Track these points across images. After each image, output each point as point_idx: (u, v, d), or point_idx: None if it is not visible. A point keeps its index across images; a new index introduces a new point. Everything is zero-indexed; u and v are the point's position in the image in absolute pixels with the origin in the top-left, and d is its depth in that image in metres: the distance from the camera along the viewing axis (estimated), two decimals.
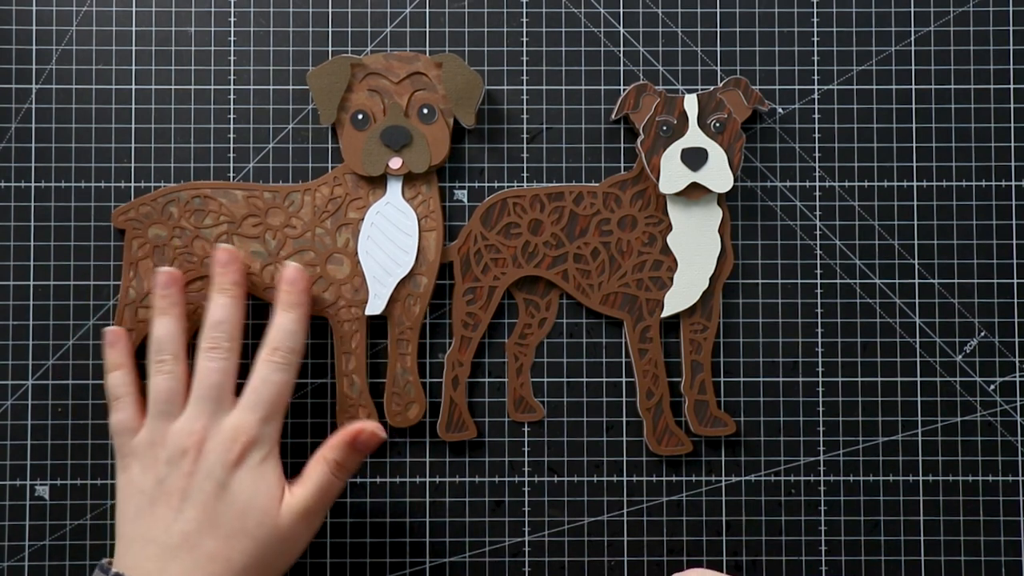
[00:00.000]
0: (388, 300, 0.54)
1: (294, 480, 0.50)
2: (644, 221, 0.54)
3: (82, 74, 0.55)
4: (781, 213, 0.55)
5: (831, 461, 0.55)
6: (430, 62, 0.54)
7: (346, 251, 0.54)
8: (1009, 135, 0.55)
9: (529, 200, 0.54)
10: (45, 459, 0.55)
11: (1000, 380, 0.55)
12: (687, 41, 0.56)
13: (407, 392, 0.54)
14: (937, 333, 0.55)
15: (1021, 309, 0.55)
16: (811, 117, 0.56)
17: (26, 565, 0.54)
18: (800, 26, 0.56)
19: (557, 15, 0.56)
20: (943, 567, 0.55)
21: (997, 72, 0.55)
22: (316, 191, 0.54)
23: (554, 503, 0.55)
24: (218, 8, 0.56)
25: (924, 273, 0.55)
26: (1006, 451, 0.55)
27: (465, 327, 0.54)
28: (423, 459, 0.55)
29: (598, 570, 0.55)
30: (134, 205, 0.54)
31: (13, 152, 0.55)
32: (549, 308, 0.55)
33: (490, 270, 0.54)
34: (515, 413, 0.55)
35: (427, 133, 0.53)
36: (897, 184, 0.55)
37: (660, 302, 0.54)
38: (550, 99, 0.56)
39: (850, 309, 0.55)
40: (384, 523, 0.55)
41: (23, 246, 0.55)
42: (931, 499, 0.55)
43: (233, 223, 0.54)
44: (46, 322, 0.55)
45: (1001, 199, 0.55)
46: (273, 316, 0.51)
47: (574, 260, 0.54)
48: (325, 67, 0.53)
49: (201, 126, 0.55)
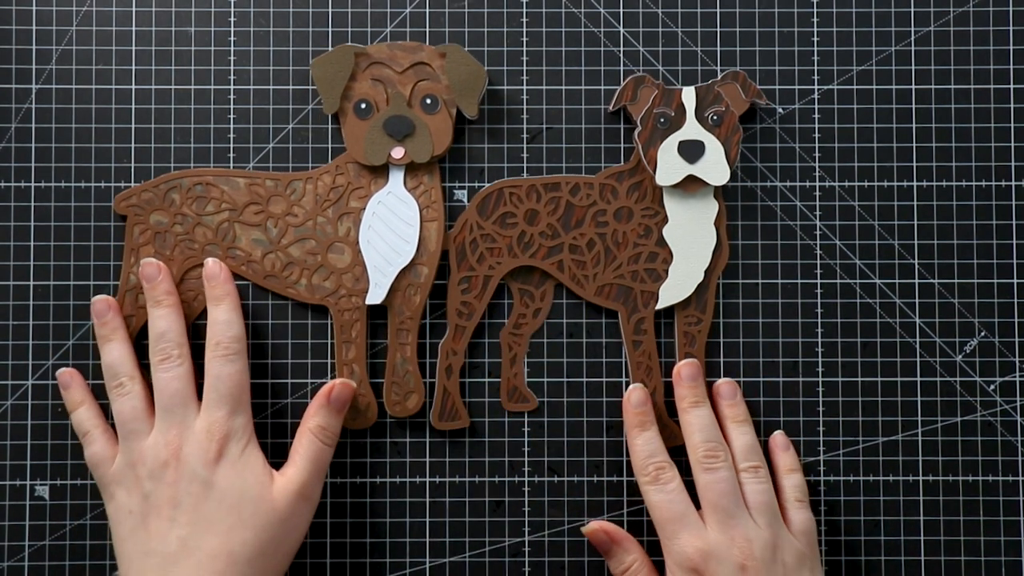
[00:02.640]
0: (389, 290, 0.54)
1: (284, 466, 0.51)
2: (640, 213, 0.54)
3: (82, 74, 0.55)
4: (781, 213, 0.55)
5: (831, 461, 0.55)
6: (434, 52, 0.54)
7: (347, 240, 0.54)
8: (1009, 135, 0.55)
9: (525, 190, 0.55)
10: (45, 459, 0.55)
11: (1000, 380, 0.55)
12: (687, 41, 0.56)
13: (407, 382, 0.54)
14: (937, 333, 0.55)
15: (1021, 309, 0.55)
16: (811, 117, 0.56)
17: (26, 565, 0.54)
18: (800, 26, 0.56)
19: (557, 15, 0.56)
20: (943, 567, 0.55)
21: (997, 72, 0.56)
22: (318, 180, 0.54)
23: (554, 503, 0.55)
24: (218, 8, 0.56)
25: (924, 273, 0.55)
26: (1006, 451, 0.55)
27: (460, 316, 0.54)
28: (423, 459, 0.55)
29: (598, 570, 0.55)
30: (136, 191, 0.54)
31: (13, 152, 0.55)
32: (544, 298, 0.55)
33: (485, 259, 0.54)
34: (508, 403, 0.55)
35: (430, 123, 0.53)
36: (897, 184, 0.55)
37: (655, 294, 0.54)
38: (550, 99, 0.56)
39: (850, 309, 0.55)
40: (384, 523, 0.55)
41: (23, 246, 0.55)
42: (931, 499, 0.55)
43: (235, 210, 0.54)
44: (46, 322, 0.55)
45: (1001, 199, 0.55)
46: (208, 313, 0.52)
47: (570, 251, 0.55)
48: (329, 56, 0.53)
49: (201, 126, 0.55)
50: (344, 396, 0.52)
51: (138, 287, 0.54)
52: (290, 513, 0.49)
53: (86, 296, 0.55)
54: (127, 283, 0.54)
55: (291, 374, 0.55)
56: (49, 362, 0.55)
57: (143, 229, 0.54)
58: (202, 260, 0.54)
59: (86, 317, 0.55)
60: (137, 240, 0.54)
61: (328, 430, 0.52)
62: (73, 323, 0.55)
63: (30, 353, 0.55)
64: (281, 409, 0.55)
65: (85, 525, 0.54)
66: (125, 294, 0.54)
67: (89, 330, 0.55)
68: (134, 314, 0.54)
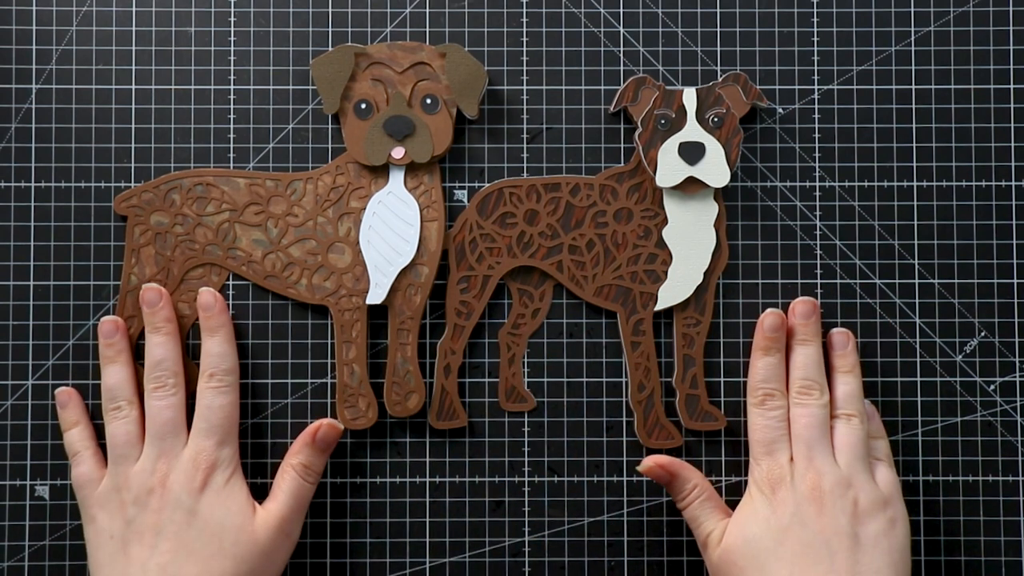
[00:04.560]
0: (389, 290, 0.54)
1: (266, 500, 0.52)
2: (640, 214, 0.54)
3: (82, 74, 0.55)
4: (781, 213, 0.55)
5: None
6: (434, 52, 0.54)
7: (348, 240, 0.54)
8: (1009, 135, 0.55)
9: (525, 190, 0.55)
10: (45, 459, 0.55)
11: (1000, 380, 0.55)
12: (687, 41, 0.56)
13: (407, 382, 0.54)
14: (937, 333, 0.55)
15: (1021, 309, 0.55)
16: (811, 117, 0.56)
17: (26, 565, 0.54)
18: (800, 26, 0.56)
19: (557, 15, 0.56)
20: (943, 567, 0.55)
21: (997, 72, 0.55)
22: (318, 180, 0.54)
23: (554, 503, 0.55)
24: (218, 8, 0.56)
25: (924, 273, 0.55)
26: (1006, 451, 0.55)
27: (458, 315, 0.54)
28: (423, 459, 0.55)
29: (598, 570, 0.55)
30: (136, 192, 0.54)
31: (13, 152, 0.55)
32: (543, 299, 0.55)
33: (485, 259, 0.54)
34: (507, 403, 0.55)
35: (430, 123, 0.53)
36: (897, 184, 0.55)
37: (654, 295, 0.54)
38: (550, 99, 0.56)
39: (850, 309, 0.55)
40: (384, 523, 0.55)
41: (23, 246, 0.55)
42: (931, 499, 0.55)
43: (235, 211, 0.54)
44: (46, 322, 0.55)
45: (1001, 199, 0.55)
46: (203, 342, 0.53)
47: (569, 251, 0.55)
48: (329, 56, 0.53)
49: (201, 126, 0.55)
50: (330, 438, 0.53)
51: (139, 288, 0.54)
52: (271, 547, 0.50)
53: (86, 296, 0.55)
54: (127, 284, 0.54)
55: (291, 374, 0.55)
56: (49, 362, 0.55)
57: (144, 230, 0.54)
58: (203, 260, 0.54)
59: (86, 317, 0.55)
60: (138, 241, 0.54)
61: (311, 468, 0.52)
62: (73, 323, 0.55)
63: (30, 353, 0.55)
64: (281, 409, 0.55)
65: None
66: (126, 295, 0.54)
67: (89, 330, 0.55)
68: (135, 315, 0.54)
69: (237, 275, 0.55)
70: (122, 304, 0.54)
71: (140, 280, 0.54)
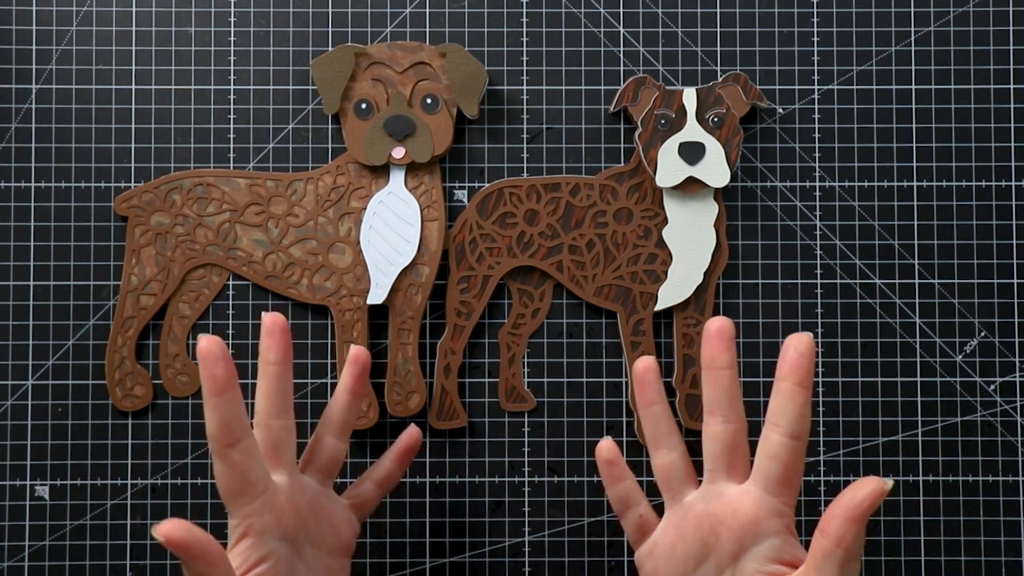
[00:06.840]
0: (390, 290, 0.54)
1: None
2: (640, 214, 0.54)
3: (82, 74, 0.55)
4: (781, 213, 0.55)
5: (831, 461, 0.55)
6: (434, 52, 0.54)
7: (348, 240, 0.54)
8: (1009, 135, 0.55)
9: (525, 190, 0.55)
10: (45, 459, 0.55)
11: (1000, 380, 0.55)
12: (687, 41, 0.56)
13: (408, 382, 0.54)
14: (937, 333, 0.55)
15: (1021, 309, 0.55)
16: (811, 117, 0.56)
17: (26, 565, 0.54)
18: (800, 26, 0.56)
19: (557, 15, 0.56)
20: (943, 567, 0.55)
21: (997, 72, 0.56)
22: (319, 180, 0.54)
23: (554, 503, 0.55)
24: (218, 8, 0.56)
25: (924, 273, 0.55)
26: (1006, 451, 0.55)
27: (458, 315, 0.54)
28: (423, 459, 0.55)
29: (598, 570, 0.55)
30: (136, 192, 0.54)
31: (13, 152, 0.55)
32: (543, 299, 0.55)
33: (485, 259, 0.54)
34: (506, 403, 0.55)
35: (430, 123, 0.53)
36: (897, 184, 0.55)
37: (654, 295, 0.54)
38: (550, 99, 0.56)
39: (850, 309, 0.55)
40: (384, 523, 0.55)
41: (23, 246, 0.55)
42: (931, 499, 0.55)
43: (235, 211, 0.54)
44: (46, 322, 0.55)
45: (1001, 199, 0.55)
46: None
47: (569, 251, 0.55)
48: (329, 56, 0.53)
49: (201, 126, 0.55)
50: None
51: (139, 288, 0.54)
52: None
53: (86, 296, 0.55)
54: (128, 284, 0.54)
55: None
56: (49, 362, 0.55)
57: (144, 230, 0.54)
58: (203, 261, 0.54)
59: (86, 317, 0.55)
60: (138, 241, 0.54)
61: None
62: (73, 323, 0.55)
63: (30, 353, 0.55)
64: None
65: (85, 525, 0.54)
66: (126, 295, 0.54)
67: (89, 330, 0.55)
68: (135, 315, 0.54)
69: (238, 275, 0.55)
70: (121, 306, 0.54)
71: (141, 281, 0.54)
